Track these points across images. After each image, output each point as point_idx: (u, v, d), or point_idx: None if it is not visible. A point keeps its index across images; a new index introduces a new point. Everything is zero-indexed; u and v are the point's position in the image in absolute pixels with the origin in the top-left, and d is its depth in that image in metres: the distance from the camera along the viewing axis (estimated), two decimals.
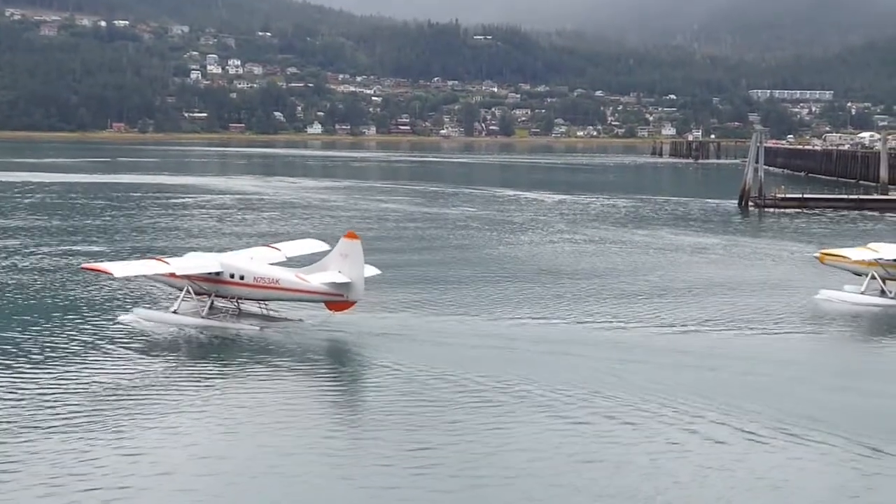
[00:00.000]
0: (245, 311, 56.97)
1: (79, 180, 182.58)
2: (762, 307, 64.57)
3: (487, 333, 54.97)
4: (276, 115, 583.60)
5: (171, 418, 39.83)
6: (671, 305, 65.21)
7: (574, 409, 41.88)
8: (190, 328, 54.83)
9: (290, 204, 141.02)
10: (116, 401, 42.18)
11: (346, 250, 54.15)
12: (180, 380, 45.99)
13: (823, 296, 67.18)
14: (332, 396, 45.13)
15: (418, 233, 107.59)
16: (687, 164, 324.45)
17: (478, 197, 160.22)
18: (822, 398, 44.56)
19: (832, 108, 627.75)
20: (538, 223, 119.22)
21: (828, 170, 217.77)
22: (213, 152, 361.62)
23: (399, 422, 40.00)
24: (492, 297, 66.64)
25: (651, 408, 42.00)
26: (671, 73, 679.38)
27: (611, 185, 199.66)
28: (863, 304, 65.54)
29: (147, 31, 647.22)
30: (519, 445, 37.45)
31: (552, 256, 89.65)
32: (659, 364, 49.04)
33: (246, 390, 44.21)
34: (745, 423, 40.27)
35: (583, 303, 65.68)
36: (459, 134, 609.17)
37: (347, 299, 54.38)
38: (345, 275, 53.80)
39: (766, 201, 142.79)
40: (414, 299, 64.83)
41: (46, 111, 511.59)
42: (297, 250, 63.84)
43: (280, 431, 38.44)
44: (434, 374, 46.55)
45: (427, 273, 77.76)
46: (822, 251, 73.51)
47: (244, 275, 55.52)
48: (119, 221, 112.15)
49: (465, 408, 41.82)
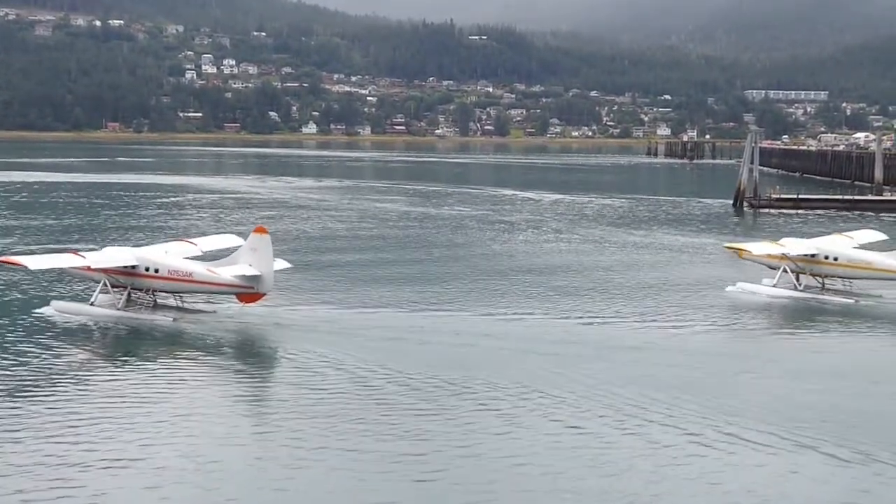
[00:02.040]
0: (161, 304, 58.76)
1: (86, 180, 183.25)
2: (678, 302, 66.77)
3: (399, 326, 56.66)
4: (272, 114, 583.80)
5: (83, 407, 41.06)
6: (601, 300, 67.17)
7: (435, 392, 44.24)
8: (106, 320, 56.57)
9: (284, 203, 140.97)
10: (31, 392, 43.05)
11: (256, 244, 56.21)
12: (93, 369, 47.71)
13: (739, 288, 70.02)
14: (239, 385, 46.40)
15: (404, 232, 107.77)
16: (682, 165, 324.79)
17: (472, 196, 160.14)
18: (705, 381, 46.62)
19: (827, 108, 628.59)
20: (531, 223, 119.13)
21: (823, 170, 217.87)
22: (209, 152, 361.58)
23: (302, 410, 41.23)
24: (424, 293, 68.29)
25: (537, 395, 43.69)
26: (666, 74, 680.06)
27: (606, 185, 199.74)
28: (773, 297, 68.34)
29: (142, 31, 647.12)
30: (405, 428, 39.06)
31: (529, 255, 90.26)
32: (559, 353, 51.14)
33: (156, 379, 45.59)
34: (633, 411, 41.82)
35: (537, 300, 67.09)
36: (454, 134, 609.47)
37: (257, 291, 56.16)
38: (255, 268, 55.76)
39: (760, 202, 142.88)
40: (335, 293, 67.14)
41: (41, 111, 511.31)
42: (213, 245, 65.84)
43: (188, 419, 39.68)
44: (338, 364, 47.96)
45: (354, 267, 79.92)
46: (725, 245, 78.33)
47: (159, 268, 57.29)
48: (104, 218, 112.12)
49: (354, 395, 43.55)
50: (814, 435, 38.87)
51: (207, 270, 56.71)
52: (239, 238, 66.75)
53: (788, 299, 68.09)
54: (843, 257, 68.88)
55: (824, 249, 69.75)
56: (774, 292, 68.86)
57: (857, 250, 70.55)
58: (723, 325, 60.67)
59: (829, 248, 70.28)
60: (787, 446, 37.78)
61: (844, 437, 38.78)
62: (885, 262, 67.83)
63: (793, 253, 69.49)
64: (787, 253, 69.55)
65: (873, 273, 68.04)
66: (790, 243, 71.79)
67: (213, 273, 56.39)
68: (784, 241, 72.86)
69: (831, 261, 69.00)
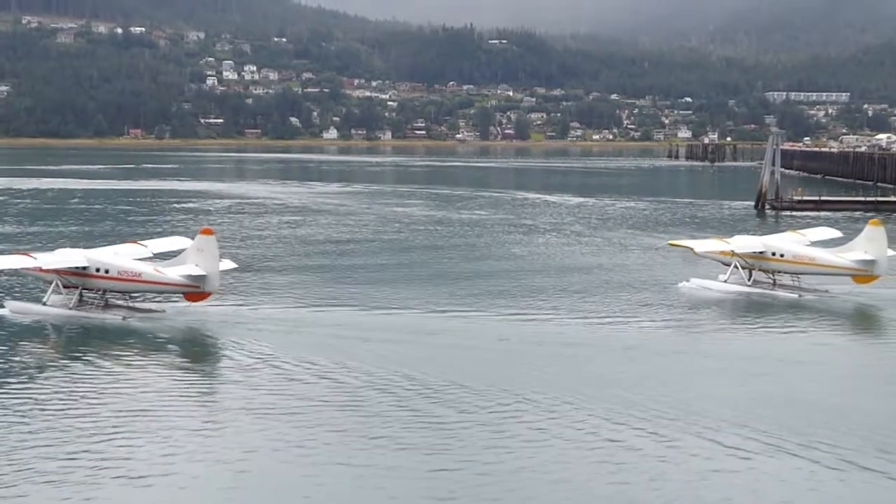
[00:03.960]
0: (111, 303, 60.81)
1: (112, 187, 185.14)
2: (632, 298, 69.16)
3: (343, 324, 58.54)
4: (292, 120, 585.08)
5: (33, 402, 42.82)
6: (566, 299, 69.12)
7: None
8: (58, 319, 58.68)
9: (307, 208, 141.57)
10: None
11: (202, 245, 58.49)
12: (45, 367, 49.31)
13: (694, 284, 73.01)
14: (186, 381, 47.98)
15: (423, 236, 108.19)
16: (703, 167, 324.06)
17: (496, 200, 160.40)
18: (637, 374, 48.14)
19: (848, 109, 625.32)
20: (554, 226, 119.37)
21: (844, 172, 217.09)
22: (230, 158, 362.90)
23: (244, 403, 42.87)
24: (386, 293, 70.11)
25: (468, 389, 45.38)
26: (686, 76, 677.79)
27: (628, 189, 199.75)
28: (724, 292, 71.27)
29: (163, 38, 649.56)
30: (348, 422, 40.81)
31: (549, 258, 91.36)
32: (482, 349, 53.44)
33: (103, 376, 47.37)
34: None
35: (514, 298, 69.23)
36: (475, 138, 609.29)
37: (203, 290, 58.52)
38: (201, 268, 57.89)
39: (782, 204, 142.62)
40: (285, 291, 69.77)
41: (64, 118, 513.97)
42: (163, 247, 67.81)
43: (137, 415, 41.04)
44: (281, 358, 50.12)
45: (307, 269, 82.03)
46: (670, 242, 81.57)
47: (108, 269, 59.50)
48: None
49: (307, 386, 45.55)
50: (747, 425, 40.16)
51: (155, 270, 59.07)
52: (188, 239, 68.18)
53: (738, 294, 70.66)
54: (790, 254, 71.51)
55: (772, 246, 72.29)
56: (726, 288, 71.63)
57: (802, 247, 73.00)
58: (666, 320, 62.68)
59: (776, 245, 72.79)
60: (725, 439, 38.81)
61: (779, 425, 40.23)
62: (828, 259, 70.38)
63: (742, 250, 72.00)
64: (735, 250, 72.08)
65: (817, 269, 70.78)
66: (740, 241, 74.43)
67: (160, 273, 58.69)
68: (734, 239, 75.38)
69: (778, 257, 71.39)
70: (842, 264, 69.61)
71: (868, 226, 70.96)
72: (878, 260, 68.93)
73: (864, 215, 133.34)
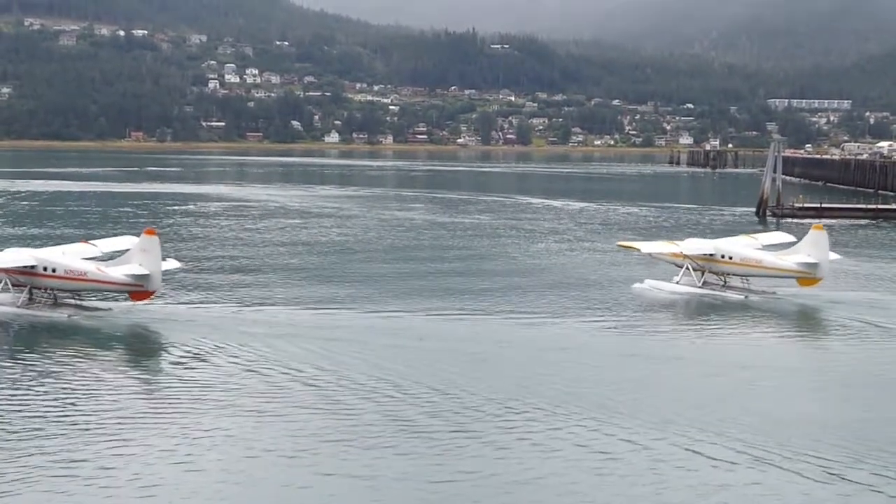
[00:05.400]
0: (61, 302, 62.59)
1: (110, 189, 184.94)
2: (584, 298, 71.24)
3: (280, 322, 60.14)
4: (294, 123, 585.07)
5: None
6: (513, 298, 71.00)
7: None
8: (6, 317, 60.08)
9: (308, 212, 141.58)
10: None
11: (146, 246, 60.26)
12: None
13: (647, 285, 75.06)
14: (127, 375, 49.37)
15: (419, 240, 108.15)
16: (705, 174, 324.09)
17: (501, 204, 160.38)
18: (587, 376, 49.09)
19: (850, 117, 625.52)
20: (554, 231, 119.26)
21: (846, 179, 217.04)
22: (231, 161, 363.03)
23: (190, 400, 44.03)
24: (320, 294, 71.87)
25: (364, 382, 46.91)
26: (688, 82, 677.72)
27: (630, 194, 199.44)
28: (674, 293, 73.25)
29: (165, 41, 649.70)
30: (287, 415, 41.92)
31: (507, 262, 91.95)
32: (406, 346, 54.63)
33: (52, 371, 48.60)
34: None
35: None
36: (476, 143, 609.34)
37: (147, 289, 60.38)
38: (144, 267, 59.52)
39: (783, 211, 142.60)
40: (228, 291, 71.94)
41: (65, 120, 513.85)
42: (112, 246, 69.50)
43: (75, 409, 42.04)
44: (209, 352, 51.97)
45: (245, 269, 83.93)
46: (619, 243, 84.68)
47: (56, 268, 61.25)
48: None
49: (234, 381, 46.79)
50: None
51: (99, 270, 60.91)
52: (136, 239, 69.43)
53: (687, 295, 72.54)
54: (738, 256, 73.68)
55: (721, 249, 74.50)
56: (677, 289, 73.60)
57: (750, 250, 75.05)
58: (618, 319, 64.68)
59: (725, 247, 74.96)
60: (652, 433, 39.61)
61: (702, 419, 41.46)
62: (774, 262, 72.62)
63: (692, 252, 74.15)
64: (684, 252, 74.33)
65: (763, 271, 73.04)
66: (691, 243, 77.05)
67: (104, 272, 60.51)
68: (686, 241, 78.11)
69: (727, 260, 73.54)
70: (786, 267, 71.76)
71: (811, 230, 73.36)
72: (820, 263, 71.09)
73: (866, 223, 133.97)
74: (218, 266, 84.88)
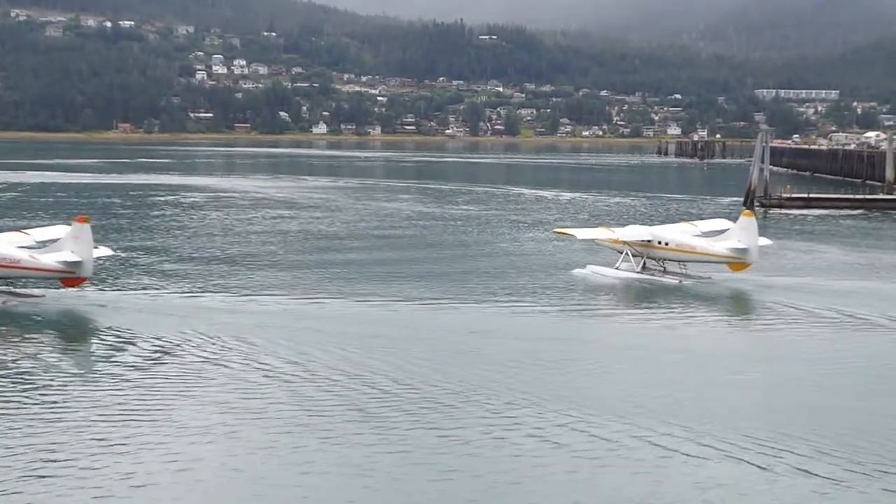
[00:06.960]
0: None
1: (104, 181, 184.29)
2: (523, 284, 71.87)
3: (238, 310, 60.41)
4: (282, 115, 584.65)
5: None
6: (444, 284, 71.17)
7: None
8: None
9: (295, 203, 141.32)
10: None
11: (77, 233, 60.80)
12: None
13: (588, 270, 76.31)
14: (62, 362, 49.11)
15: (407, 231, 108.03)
16: (693, 164, 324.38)
17: (489, 195, 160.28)
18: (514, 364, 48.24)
19: (838, 107, 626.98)
20: (540, 222, 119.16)
21: (833, 169, 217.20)
22: (219, 152, 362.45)
23: (115, 382, 44.42)
24: (266, 280, 72.33)
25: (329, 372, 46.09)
26: (676, 73, 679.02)
27: (618, 185, 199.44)
28: (613, 278, 74.55)
29: (152, 32, 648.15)
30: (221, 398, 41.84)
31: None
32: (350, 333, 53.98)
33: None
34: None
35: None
36: (464, 134, 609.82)
37: (78, 276, 61.07)
38: (76, 254, 60.11)
39: (771, 201, 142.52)
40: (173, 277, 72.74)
41: (52, 112, 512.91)
42: (46, 235, 69.34)
43: (12, 397, 41.96)
44: (141, 338, 52.28)
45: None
46: (555, 230, 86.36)
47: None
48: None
49: (169, 368, 47.00)
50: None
51: (31, 257, 61.56)
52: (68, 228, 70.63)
53: (626, 280, 73.93)
54: (673, 242, 75.07)
55: (658, 235, 76.07)
56: (616, 274, 75.07)
57: (686, 236, 76.27)
58: (559, 303, 65.06)
59: (662, 234, 76.39)
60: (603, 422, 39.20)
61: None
62: (706, 247, 74.08)
63: (629, 238, 75.87)
64: (621, 238, 76.04)
65: (697, 257, 74.41)
66: (630, 230, 78.91)
67: (36, 260, 61.26)
68: (625, 228, 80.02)
69: (663, 246, 74.98)
70: (718, 252, 73.15)
71: (742, 216, 74.82)
72: (749, 248, 72.18)
73: (855, 212, 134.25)
74: (203, 256, 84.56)
